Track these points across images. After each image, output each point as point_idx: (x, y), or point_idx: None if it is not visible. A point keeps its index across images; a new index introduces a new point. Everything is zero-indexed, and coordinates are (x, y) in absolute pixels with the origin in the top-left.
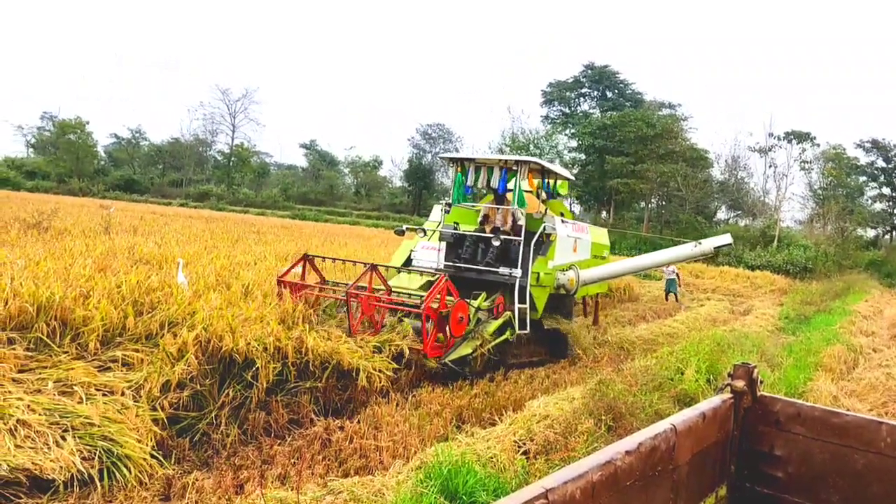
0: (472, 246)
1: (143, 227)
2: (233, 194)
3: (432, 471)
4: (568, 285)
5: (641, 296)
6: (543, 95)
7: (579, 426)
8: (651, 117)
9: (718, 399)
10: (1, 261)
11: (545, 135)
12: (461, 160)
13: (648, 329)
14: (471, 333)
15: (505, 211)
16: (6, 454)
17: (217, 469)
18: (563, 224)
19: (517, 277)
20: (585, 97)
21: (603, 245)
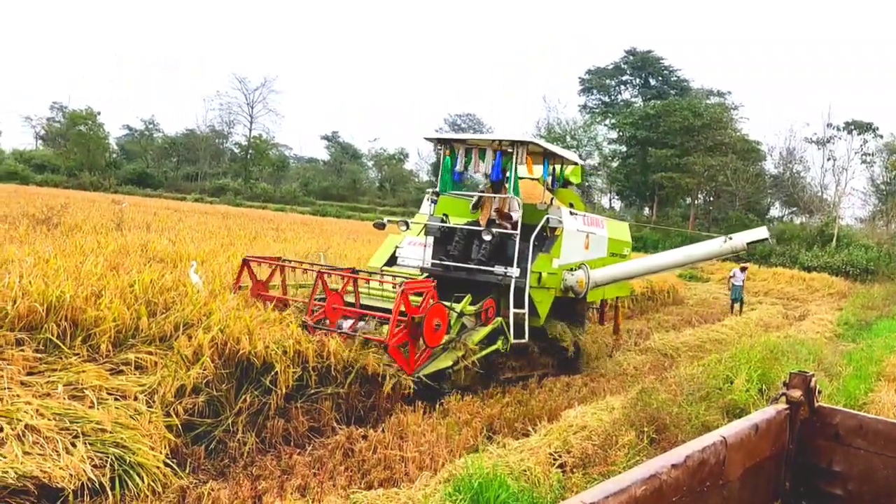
0: (463, 241)
1: (157, 224)
2: (250, 189)
3: (462, 484)
4: (577, 287)
5: (687, 298)
6: (581, 83)
7: (620, 438)
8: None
9: (772, 410)
10: (9, 258)
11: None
12: (449, 141)
13: (694, 334)
14: (452, 343)
15: (501, 201)
16: (14, 461)
17: (234, 479)
18: (573, 216)
19: (513, 278)
20: (627, 85)
21: (622, 241)
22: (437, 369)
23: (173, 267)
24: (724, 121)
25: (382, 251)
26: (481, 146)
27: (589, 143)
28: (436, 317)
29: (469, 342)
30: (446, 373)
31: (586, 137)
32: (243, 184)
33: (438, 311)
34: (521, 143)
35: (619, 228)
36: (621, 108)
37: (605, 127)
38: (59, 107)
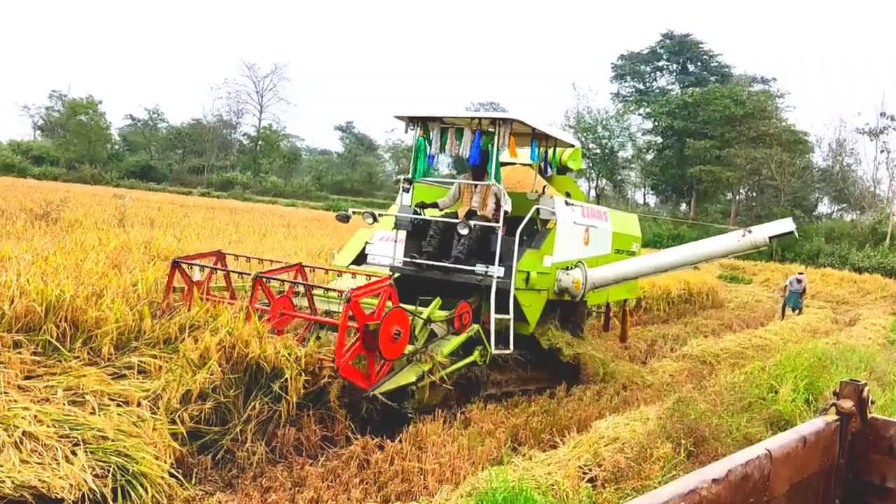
0: (439, 236)
1: (161, 219)
2: (260, 182)
3: (485, 498)
4: (573, 289)
5: (727, 301)
6: (613, 69)
7: (655, 451)
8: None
9: (821, 422)
10: (6, 255)
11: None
12: (423, 120)
13: (735, 340)
14: (417, 355)
15: (484, 189)
16: (10, 470)
17: (242, 491)
18: (569, 207)
19: (495, 278)
20: (663, 71)
21: (630, 236)
22: (398, 386)
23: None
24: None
25: (350, 248)
26: (458, 125)
27: (621, 133)
28: (395, 324)
29: (438, 354)
30: (409, 390)
31: (619, 128)
32: (252, 177)
33: (398, 316)
34: (504, 120)
35: (627, 221)
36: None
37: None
38: (58, 95)
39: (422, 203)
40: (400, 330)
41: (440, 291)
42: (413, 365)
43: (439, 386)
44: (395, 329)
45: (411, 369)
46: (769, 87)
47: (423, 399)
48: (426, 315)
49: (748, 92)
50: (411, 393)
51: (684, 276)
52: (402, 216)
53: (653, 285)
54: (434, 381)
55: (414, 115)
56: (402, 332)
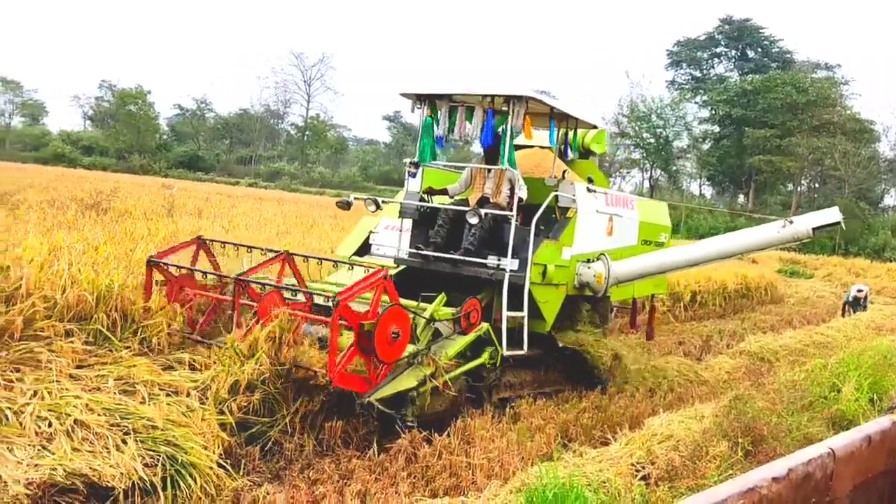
0: (449, 225)
1: (209, 210)
2: (307, 173)
3: (535, 494)
4: (594, 283)
5: (787, 297)
6: (669, 56)
7: (710, 449)
8: (803, 81)
9: (887, 421)
10: (58, 245)
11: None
12: (430, 97)
13: (795, 337)
14: (419, 357)
15: (498, 174)
16: (62, 458)
17: (290, 483)
18: (591, 194)
19: (507, 271)
20: (721, 58)
21: (658, 226)
22: (396, 392)
23: (226, 256)
24: (832, 97)
25: (353, 237)
26: (469, 103)
27: (677, 122)
28: (392, 323)
29: (441, 356)
30: (409, 396)
31: (674, 116)
32: (299, 168)
33: (396, 315)
34: (519, 98)
35: (655, 210)
36: (714, 84)
37: (696, 105)
38: (108, 85)
39: (430, 189)
40: (398, 330)
41: (449, 286)
42: (414, 368)
43: (444, 392)
44: (394, 329)
45: (412, 373)
46: (833, 73)
47: (424, 406)
48: (429, 313)
49: (811, 79)
50: (411, 399)
51: (741, 270)
52: (408, 203)
53: (708, 279)
54: (437, 386)
55: (421, 93)
56: (400, 333)
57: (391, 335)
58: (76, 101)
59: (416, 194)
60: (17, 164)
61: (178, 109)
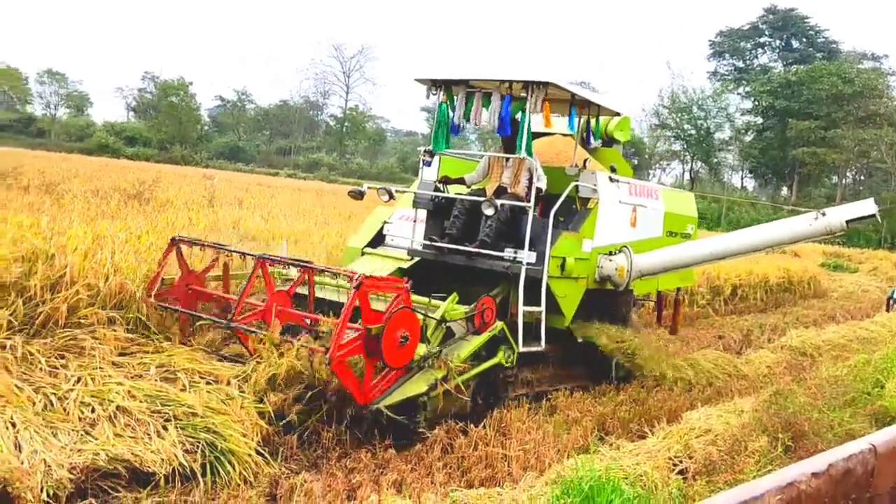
0: (465, 216)
1: (249, 200)
2: (345, 164)
3: (571, 486)
4: (616, 277)
5: (831, 291)
6: (711, 46)
7: (749, 444)
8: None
9: None
10: (101, 234)
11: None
12: (446, 83)
13: (838, 332)
14: (429, 360)
15: (516, 163)
16: (105, 443)
17: (327, 471)
18: (613, 184)
19: (524, 264)
20: (765, 48)
21: (684, 217)
22: (405, 398)
23: (265, 246)
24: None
25: (366, 228)
26: (486, 89)
27: (719, 114)
28: (401, 327)
29: (454, 358)
30: (419, 402)
31: (716, 108)
32: (338, 159)
33: (405, 318)
34: (537, 84)
35: (681, 200)
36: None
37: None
38: (150, 77)
39: (445, 178)
40: (407, 334)
41: (465, 278)
42: (424, 372)
43: (456, 396)
44: (402, 333)
45: (422, 377)
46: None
47: (437, 409)
48: (440, 314)
49: (857, 69)
50: (423, 405)
51: (784, 264)
52: (422, 193)
53: (749, 273)
54: (449, 389)
55: (436, 78)
56: (409, 337)
57: (399, 340)
58: (120, 92)
59: (431, 184)
60: (63, 155)
61: (219, 101)
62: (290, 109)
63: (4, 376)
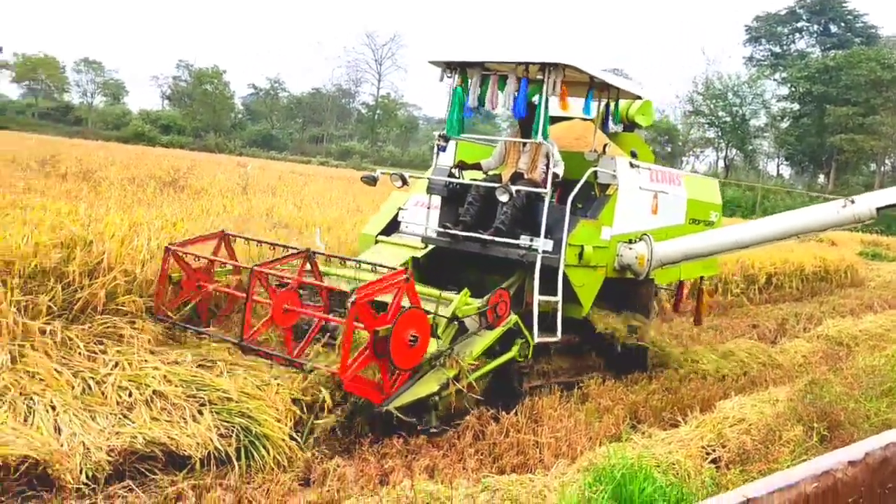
0: (480, 203)
1: (282, 188)
2: (377, 152)
3: (603, 474)
4: (636, 266)
5: (868, 280)
6: (748, 31)
7: (784, 434)
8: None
9: None
10: (138, 221)
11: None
12: (461, 65)
13: (876, 322)
14: (440, 358)
15: (533, 148)
16: (142, 426)
17: (360, 456)
18: (634, 170)
19: (540, 253)
20: (802, 33)
21: (708, 204)
22: (416, 399)
23: (298, 233)
24: None
25: (381, 215)
26: (501, 72)
27: (754, 100)
28: (410, 328)
29: (466, 356)
30: (430, 402)
31: (751, 94)
32: (370, 147)
33: (414, 318)
34: (554, 66)
35: (705, 187)
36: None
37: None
38: (185, 65)
39: (461, 164)
40: (416, 335)
41: (480, 267)
42: (435, 371)
43: (468, 395)
44: (411, 333)
45: (433, 376)
46: None
47: (449, 407)
48: (450, 312)
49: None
50: (434, 405)
51: (820, 252)
52: (436, 179)
53: (785, 261)
54: (461, 388)
55: (451, 60)
56: (419, 337)
57: (409, 340)
58: (155, 80)
59: (446, 169)
60: (99, 143)
61: (253, 89)
62: (323, 97)
63: (44, 360)
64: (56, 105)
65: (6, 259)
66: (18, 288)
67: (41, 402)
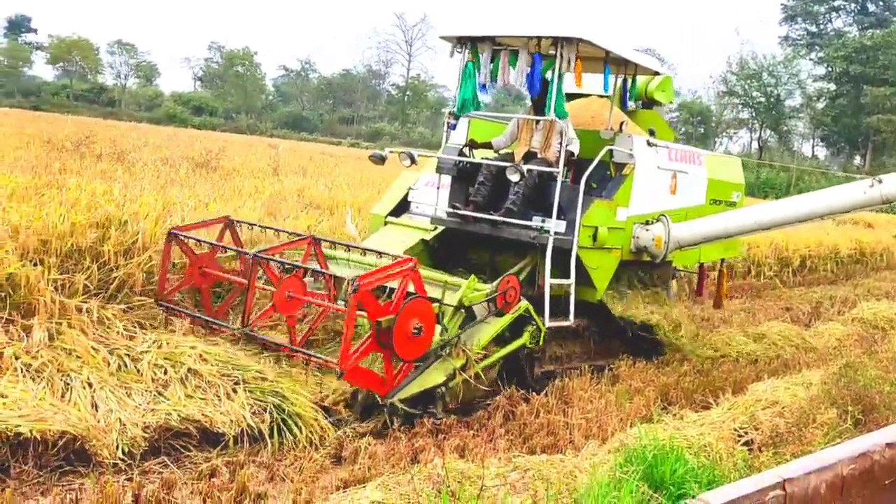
0: (491, 182)
1: (313, 169)
2: (407, 133)
3: (634, 455)
4: (652, 248)
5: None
6: (784, 10)
7: (818, 417)
8: None
9: None
10: (171, 201)
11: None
12: (472, 40)
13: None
14: (447, 347)
15: (547, 126)
16: (177, 403)
17: (391, 435)
18: (651, 149)
19: (551, 234)
20: (839, 11)
21: (730, 184)
22: (422, 390)
23: (329, 214)
24: None
25: (391, 195)
26: (513, 46)
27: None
28: (414, 317)
29: (473, 345)
30: (437, 392)
31: (787, 74)
32: (400, 128)
33: (418, 308)
34: (568, 40)
35: (726, 166)
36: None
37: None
38: (216, 47)
39: (472, 143)
40: (420, 325)
41: (492, 248)
42: (442, 361)
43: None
44: (415, 324)
45: (439, 367)
46: None
47: (457, 396)
48: (457, 300)
49: None
50: (440, 395)
51: (856, 234)
52: (446, 158)
53: (819, 244)
54: (469, 378)
55: (461, 35)
56: (423, 328)
57: (412, 331)
58: (187, 62)
59: (454, 148)
60: (133, 124)
61: (283, 70)
62: (353, 79)
63: (81, 338)
64: (90, 87)
65: (43, 238)
66: (55, 267)
67: (78, 378)
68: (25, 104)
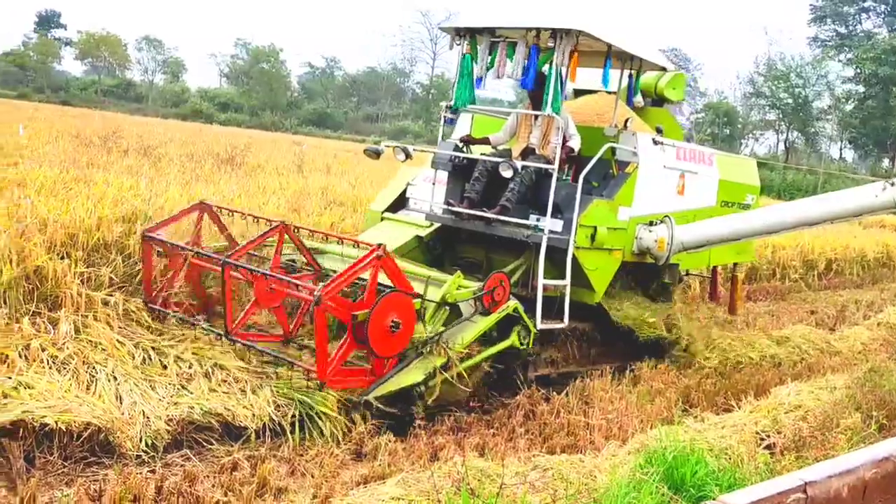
0: (486, 179)
1: (337, 166)
2: (431, 132)
3: (654, 456)
4: (655, 249)
5: None
6: (812, 11)
7: (842, 421)
8: None
9: None
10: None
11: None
12: (470, 31)
13: None
14: (428, 345)
15: (546, 122)
16: (200, 397)
17: (411, 432)
18: (657, 147)
19: (545, 233)
20: (869, 12)
21: (743, 185)
22: (399, 388)
23: (353, 211)
24: None
25: (389, 191)
26: (511, 38)
27: (818, 81)
28: (392, 311)
29: (455, 343)
30: (415, 391)
31: (815, 75)
32: (424, 126)
33: (397, 302)
34: (567, 32)
35: (740, 167)
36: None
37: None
38: (242, 43)
39: (468, 138)
40: (398, 320)
41: (487, 247)
42: (422, 359)
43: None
44: (392, 319)
45: (419, 365)
46: None
47: (437, 396)
48: (440, 297)
49: None
50: (419, 395)
51: (883, 238)
52: (441, 153)
53: (846, 247)
54: (450, 378)
55: (460, 26)
56: (401, 323)
57: (389, 326)
58: (213, 58)
59: (450, 143)
60: (159, 120)
61: (308, 67)
62: (378, 76)
63: (107, 331)
64: (118, 82)
65: (70, 232)
66: (82, 260)
67: (103, 371)
68: (55, 99)
